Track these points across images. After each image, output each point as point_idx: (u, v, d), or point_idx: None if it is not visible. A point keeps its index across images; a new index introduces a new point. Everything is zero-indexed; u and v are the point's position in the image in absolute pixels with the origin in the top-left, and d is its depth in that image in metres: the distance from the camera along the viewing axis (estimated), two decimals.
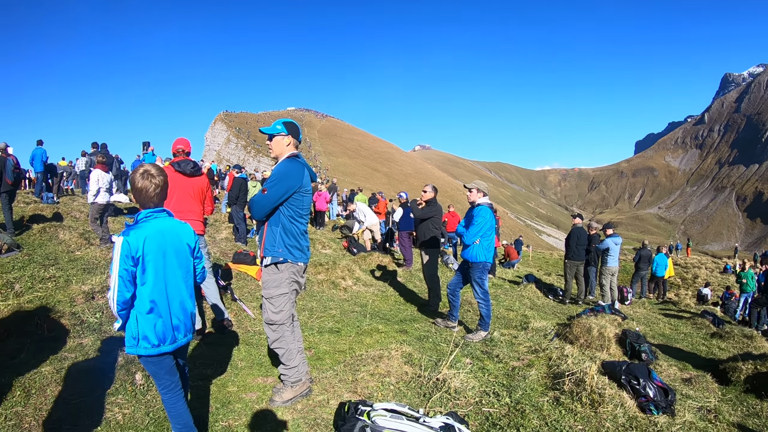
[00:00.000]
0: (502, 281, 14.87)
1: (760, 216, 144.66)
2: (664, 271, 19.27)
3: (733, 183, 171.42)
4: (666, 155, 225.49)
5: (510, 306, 10.66)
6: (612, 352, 7.37)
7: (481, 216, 7.28)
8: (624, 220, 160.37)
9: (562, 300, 13.02)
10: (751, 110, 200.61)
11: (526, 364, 6.04)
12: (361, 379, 5.04)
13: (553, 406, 4.85)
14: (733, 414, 5.80)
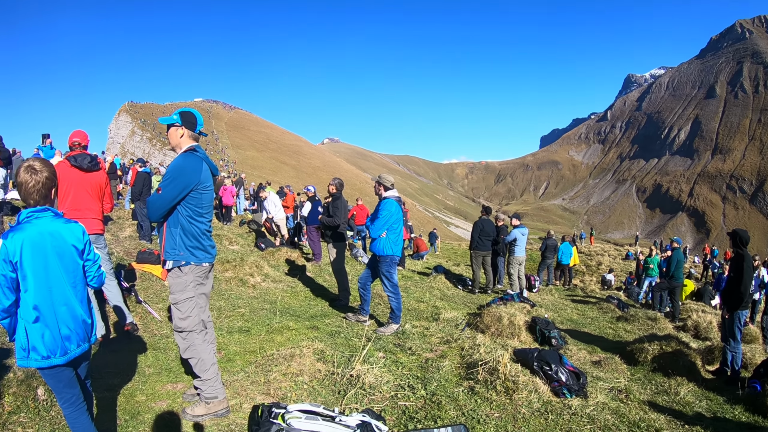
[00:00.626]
0: (412, 273, 15.11)
1: (659, 206, 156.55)
2: (569, 259, 20.26)
3: (633, 176, 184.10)
4: (570, 149, 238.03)
5: (420, 298, 10.84)
6: (523, 340, 7.60)
7: (386, 209, 7.29)
8: (530, 211, 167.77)
9: (472, 290, 13.33)
10: (651, 109, 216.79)
11: (440, 355, 6.12)
12: (274, 380, 4.94)
13: (468, 395, 4.93)
14: (643, 392, 6.12)
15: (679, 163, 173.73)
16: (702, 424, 5.25)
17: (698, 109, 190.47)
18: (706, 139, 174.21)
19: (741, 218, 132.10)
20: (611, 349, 8.22)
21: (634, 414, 5.11)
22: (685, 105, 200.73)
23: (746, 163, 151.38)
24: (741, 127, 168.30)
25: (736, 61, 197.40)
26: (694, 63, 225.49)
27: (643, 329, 10.38)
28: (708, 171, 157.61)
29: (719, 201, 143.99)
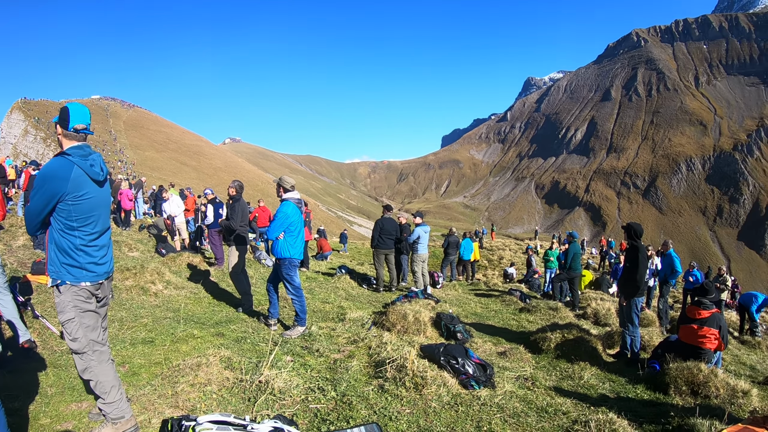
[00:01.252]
0: (317, 274, 15.10)
1: (557, 202, 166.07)
2: (470, 254, 21.01)
3: (532, 174, 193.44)
4: (471, 149, 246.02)
5: (326, 298, 10.89)
6: (429, 335, 7.78)
7: (283, 211, 7.33)
8: (432, 209, 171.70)
9: (376, 288, 13.54)
10: (549, 110, 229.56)
11: (348, 356, 6.22)
12: (182, 392, 4.81)
13: (378, 393, 5.04)
14: (549, 379, 6.46)
15: (576, 161, 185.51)
16: (607, 405, 5.59)
17: (594, 111, 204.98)
18: (602, 138, 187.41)
19: (635, 212, 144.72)
20: (516, 340, 8.61)
21: (541, 400, 5.40)
22: (582, 107, 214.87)
23: (639, 160, 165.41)
24: (634, 127, 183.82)
25: (631, 67, 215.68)
26: (591, 68, 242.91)
27: (545, 319, 10.89)
28: (603, 168, 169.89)
29: (614, 196, 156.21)
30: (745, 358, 10.83)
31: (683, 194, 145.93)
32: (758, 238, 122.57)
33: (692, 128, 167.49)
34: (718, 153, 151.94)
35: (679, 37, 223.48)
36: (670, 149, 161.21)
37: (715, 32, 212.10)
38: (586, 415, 4.97)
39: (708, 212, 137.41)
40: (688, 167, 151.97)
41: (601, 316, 12.00)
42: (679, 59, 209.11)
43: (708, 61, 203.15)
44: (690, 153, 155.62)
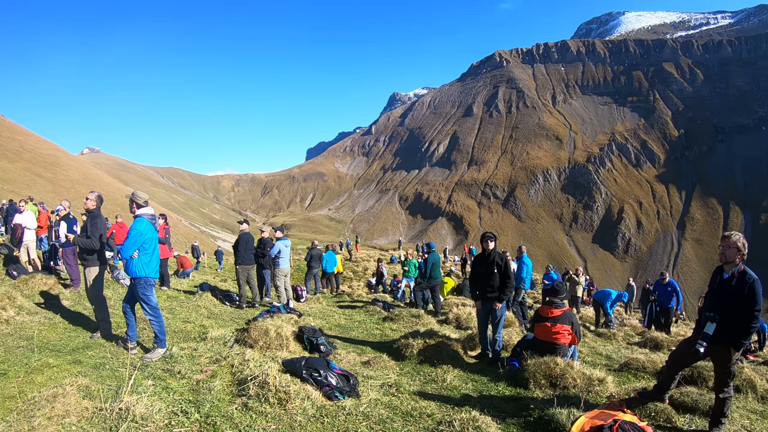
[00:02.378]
0: (178, 293, 14.67)
1: (420, 213, 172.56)
2: (333, 267, 21.40)
3: (396, 186, 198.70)
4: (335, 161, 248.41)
5: (187, 318, 10.68)
6: (292, 350, 7.92)
7: (136, 228, 7.22)
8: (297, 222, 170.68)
9: (239, 305, 13.45)
10: (413, 125, 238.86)
11: (210, 376, 6.20)
12: (39, 426, 4.64)
13: (243, 412, 5.10)
14: (413, 384, 6.80)
15: (439, 174, 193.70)
16: (470, 403, 5.98)
17: (457, 126, 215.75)
18: (463, 152, 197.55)
19: (495, 220, 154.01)
20: (379, 348, 8.96)
21: (406, 405, 5.69)
22: (444, 122, 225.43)
23: (499, 172, 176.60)
24: (495, 142, 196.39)
25: (493, 85, 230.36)
26: (455, 85, 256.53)
27: (408, 326, 11.34)
28: (465, 180, 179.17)
29: (475, 206, 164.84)
30: (602, 349, 11.89)
31: (541, 203, 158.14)
32: (611, 240, 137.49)
33: (549, 142, 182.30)
34: (573, 165, 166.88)
35: (539, 59, 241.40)
36: (528, 162, 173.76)
37: (573, 56, 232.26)
38: (450, 416, 5.25)
39: (564, 219, 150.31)
40: (545, 178, 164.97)
41: (462, 320, 12.65)
42: (539, 79, 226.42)
43: (565, 81, 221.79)
44: (547, 165, 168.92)
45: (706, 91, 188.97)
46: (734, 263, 5.93)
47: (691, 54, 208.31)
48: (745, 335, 5.82)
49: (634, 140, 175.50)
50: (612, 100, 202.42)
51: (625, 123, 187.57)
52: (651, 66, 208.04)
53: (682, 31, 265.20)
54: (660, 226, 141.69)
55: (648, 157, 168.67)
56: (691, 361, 6.56)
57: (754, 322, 5.77)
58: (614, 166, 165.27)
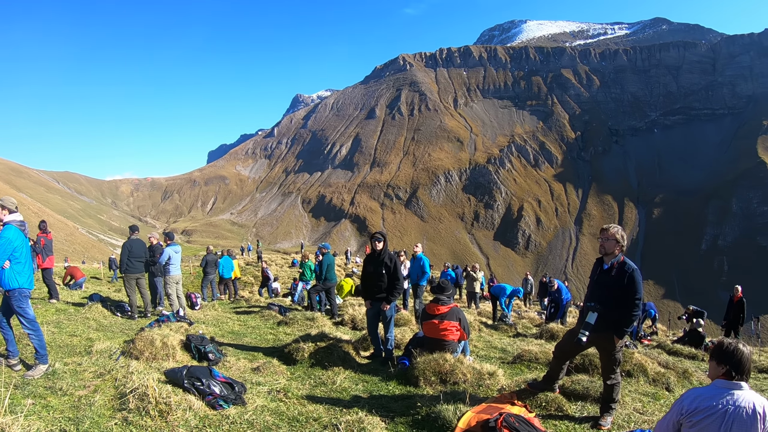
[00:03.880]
0: (67, 305, 13.88)
1: (324, 215, 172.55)
2: (230, 272, 20.99)
3: (299, 188, 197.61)
4: (237, 164, 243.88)
5: (73, 331, 10.07)
6: (179, 359, 7.69)
7: (5, 236, 6.79)
8: (198, 227, 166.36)
9: (131, 315, 12.85)
10: (316, 127, 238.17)
11: (93, 391, 5.90)
12: None
13: (123, 427, 4.90)
14: (302, 388, 6.73)
15: (341, 176, 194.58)
16: (359, 405, 5.97)
17: (359, 128, 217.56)
18: (366, 154, 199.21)
19: (398, 221, 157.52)
20: (271, 354, 8.80)
21: (293, 410, 5.61)
22: (347, 124, 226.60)
23: (401, 174, 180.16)
24: (397, 144, 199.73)
25: (396, 88, 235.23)
26: (358, 87, 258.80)
27: (302, 330, 11.27)
28: (367, 182, 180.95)
29: (378, 207, 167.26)
30: (497, 343, 12.14)
31: (443, 203, 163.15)
32: (512, 237, 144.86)
33: (450, 144, 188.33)
34: (474, 166, 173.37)
35: (442, 63, 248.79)
36: (430, 163, 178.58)
37: (475, 61, 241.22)
38: (337, 418, 5.25)
39: (466, 218, 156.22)
40: (447, 179, 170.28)
41: (358, 321, 12.77)
42: (441, 83, 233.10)
43: (467, 85, 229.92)
44: (448, 166, 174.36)
45: (602, 96, 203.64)
46: (613, 254, 6.16)
47: (589, 61, 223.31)
48: (627, 323, 6.03)
49: (533, 142, 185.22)
50: (512, 104, 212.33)
51: (525, 125, 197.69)
52: (550, 72, 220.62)
53: (581, 40, 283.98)
54: (558, 223, 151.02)
55: (546, 157, 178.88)
56: (576, 350, 6.76)
57: (635, 311, 6.01)
58: (514, 166, 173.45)
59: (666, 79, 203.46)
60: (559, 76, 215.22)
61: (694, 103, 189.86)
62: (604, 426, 6.09)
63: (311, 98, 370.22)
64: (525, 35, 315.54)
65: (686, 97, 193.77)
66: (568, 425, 6.11)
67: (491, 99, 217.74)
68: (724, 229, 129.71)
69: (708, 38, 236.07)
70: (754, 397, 3.91)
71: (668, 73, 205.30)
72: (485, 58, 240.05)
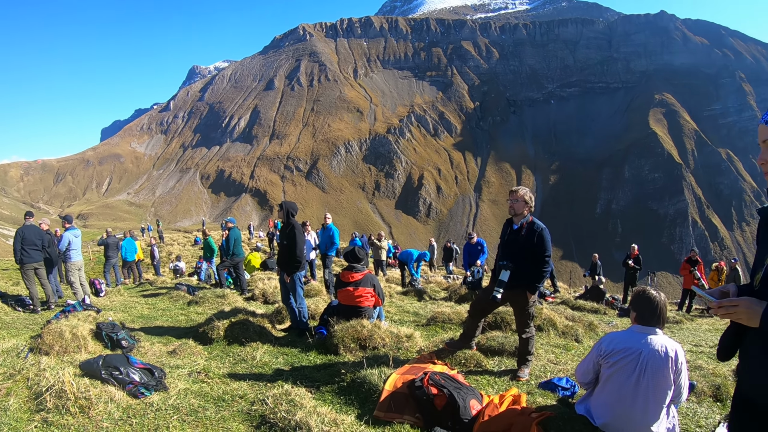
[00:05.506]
0: None
1: (224, 190, 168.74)
2: (134, 254, 20.59)
3: (197, 164, 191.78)
4: (132, 141, 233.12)
5: None
6: (91, 350, 7.42)
7: None
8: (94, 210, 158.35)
9: (34, 309, 12.21)
10: (213, 99, 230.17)
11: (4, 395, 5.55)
12: None
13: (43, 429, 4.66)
14: (222, 367, 6.78)
15: (240, 149, 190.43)
16: (282, 377, 6.15)
17: (258, 100, 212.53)
18: (265, 126, 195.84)
19: (299, 193, 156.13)
20: (185, 335, 8.64)
21: (217, 390, 5.62)
22: (246, 96, 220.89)
23: (301, 145, 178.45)
24: (296, 115, 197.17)
25: (295, 58, 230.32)
26: (256, 58, 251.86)
27: (214, 308, 11.23)
28: (267, 154, 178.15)
29: (278, 180, 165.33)
30: (409, 307, 12.55)
31: (343, 174, 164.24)
32: (413, 205, 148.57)
33: (350, 115, 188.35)
34: (374, 136, 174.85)
35: (342, 33, 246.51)
36: (330, 134, 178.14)
37: (375, 31, 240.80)
38: (263, 393, 5.31)
39: (367, 188, 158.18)
40: (347, 149, 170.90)
41: (269, 294, 12.89)
42: (341, 53, 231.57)
43: (367, 56, 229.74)
44: (348, 137, 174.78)
45: (501, 68, 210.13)
46: (522, 215, 6.52)
47: (489, 34, 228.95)
48: (539, 279, 6.46)
49: (433, 112, 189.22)
50: (412, 75, 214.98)
51: (424, 96, 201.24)
52: (450, 44, 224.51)
53: (482, 14, 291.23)
54: (458, 190, 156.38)
55: (445, 127, 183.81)
56: (490, 308, 7.10)
57: (546, 267, 6.41)
58: (414, 136, 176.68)
59: (563, 53, 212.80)
60: (460, 48, 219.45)
61: (589, 76, 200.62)
62: (522, 377, 6.44)
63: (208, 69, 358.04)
64: (427, 7, 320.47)
65: (582, 71, 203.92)
66: (489, 379, 6.44)
67: (391, 70, 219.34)
68: (617, 194, 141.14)
69: (605, 16, 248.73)
70: (666, 341, 4.34)
71: (566, 47, 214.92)
72: (386, 29, 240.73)
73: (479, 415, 4.88)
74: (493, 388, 6.17)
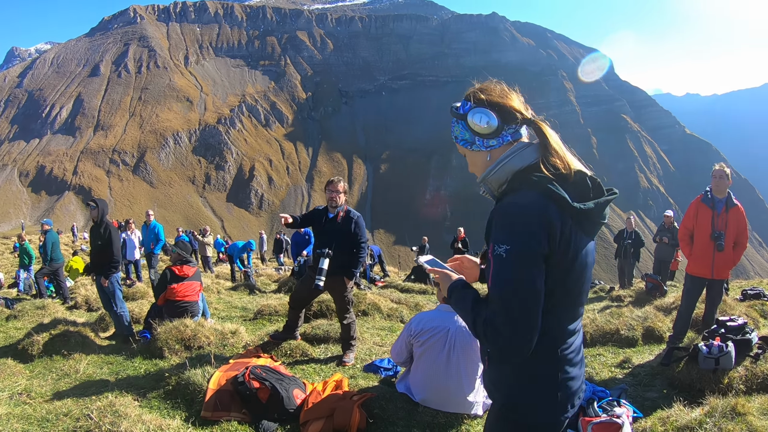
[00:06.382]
0: None
1: (45, 189, 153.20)
2: None
3: (14, 159, 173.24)
4: None
5: None
6: None
7: None
8: None
9: None
10: (33, 86, 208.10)
11: None
12: None
13: None
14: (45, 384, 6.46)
15: (62, 142, 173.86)
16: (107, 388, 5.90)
17: (82, 87, 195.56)
18: (89, 116, 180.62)
19: (126, 189, 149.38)
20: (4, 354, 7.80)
21: (40, 410, 5.31)
22: (68, 82, 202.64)
23: (127, 137, 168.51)
24: (122, 104, 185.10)
25: (124, 42, 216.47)
26: (82, 41, 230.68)
27: (33, 321, 10.21)
28: (91, 148, 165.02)
29: (104, 175, 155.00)
30: (238, 302, 12.46)
31: (172, 167, 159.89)
32: (245, 197, 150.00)
33: (179, 104, 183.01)
34: (204, 126, 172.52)
35: (175, 17, 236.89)
36: (158, 125, 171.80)
37: (210, 17, 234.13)
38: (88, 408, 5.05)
39: (197, 181, 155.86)
40: (176, 141, 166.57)
41: (92, 301, 12.32)
42: (173, 39, 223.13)
43: (199, 42, 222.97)
44: (177, 128, 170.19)
45: (334, 59, 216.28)
46: (338, 204, 6.72)
47: (325, 25, 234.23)
48: (356, 264, 6.79)
49: (264, 102, 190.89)
50: (245, 63, 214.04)
51: (256, 85, 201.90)
52: (286, 33, 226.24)
53: (320, 4, 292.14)
54: (290, 181, 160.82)
55: (277, 117, 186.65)
56: (311, 297, 7.30)
57: (362, 253, 6.78)
58: (244, 126, 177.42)
59: (397, 47, 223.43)
60: (295, 37, 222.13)
61: (421, 70, 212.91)
62: (347, 362, 6.68)
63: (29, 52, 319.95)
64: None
65: (414, 64, 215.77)
66: (315, 367, 6.62)
67: (224, 57, 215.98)
68: (445, 181, 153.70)
69: (440, 14, 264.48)
70: None
71: (399, 42, 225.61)
72: (221, 14, 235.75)
73: (304, 403, 5.04)
74: (319, 375, 6.33)
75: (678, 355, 6.40)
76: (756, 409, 4.72)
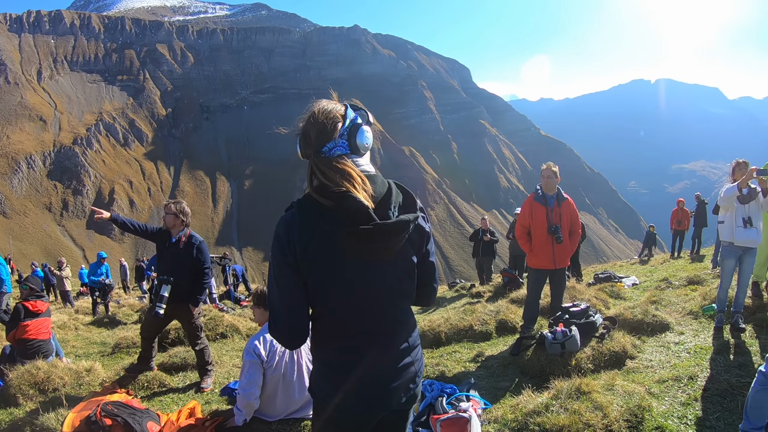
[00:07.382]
0: None
1: None
2: None
3: None
4: None
5: None
6: None
7: None
8: None
9: None
10: None
11: None
12: None
13: None
14: None
15: None
16: None
17: None
18: None
19: None
20: None
21: None
22: None
23: None
24: None
25: None
26: None
27: None
28: None
29: None
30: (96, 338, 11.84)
31: (26, 194, 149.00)
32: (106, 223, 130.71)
33: (32, 124, 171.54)
34: (59, 148, 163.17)
35: (29, 28, 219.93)
36: (9, 147, 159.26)
37: (65, 28, 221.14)
38: None
39: (54, 208, 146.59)
40: (29, 165, 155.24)
41: None
42: (25, 52, 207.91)
43: (54, 56, 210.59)
44: (30, 150, 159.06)
45: (195, 73, 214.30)
46: (179, 228, 6.63)
47: (186, 38, 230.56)
48: (201, 291, 6.71)
49: (123, 119, 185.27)
50: (102, 78, 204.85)
51: (114, 102, 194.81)
52: (145, 46, 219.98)
53: (181, 16, 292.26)
54: (152, 203, 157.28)
55: (136, 135, 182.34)
56: (160, 326, 7.06)
57: (206, 279, 6.69)
58: (102, 146, 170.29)
59: (259, 60, 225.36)
60: (154, 50, 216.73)
61: (283, 83, 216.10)
62: (206, 388, 6.66)
63: None
64: (124, 5, 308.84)
65: (276, 77, 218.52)
66: (173, 397, 6.53)
67: (80, 72, 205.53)
68: None
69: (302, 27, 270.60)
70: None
71: (261, 54, 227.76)
72: (77, 25, 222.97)
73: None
74: (177, 405, 6.19)
75: (526, 343, 6.91)
76: (601, 386, 5.00)
